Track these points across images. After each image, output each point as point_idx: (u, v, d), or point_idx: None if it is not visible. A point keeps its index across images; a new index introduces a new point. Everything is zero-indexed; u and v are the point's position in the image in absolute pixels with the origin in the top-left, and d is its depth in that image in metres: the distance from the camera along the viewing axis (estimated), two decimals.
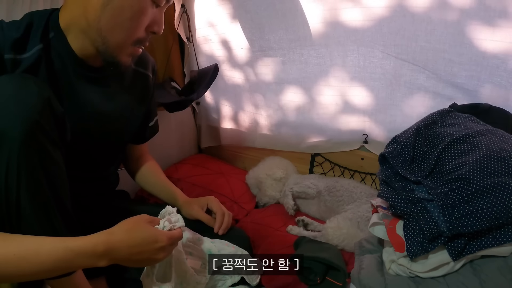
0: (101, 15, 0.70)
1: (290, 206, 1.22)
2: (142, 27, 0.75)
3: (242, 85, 1.48)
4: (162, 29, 0.78)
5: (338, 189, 1.22)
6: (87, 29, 0.73)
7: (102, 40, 0.73)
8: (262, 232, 1.11)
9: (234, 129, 1.61)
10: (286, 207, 1.24)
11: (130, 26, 0.73)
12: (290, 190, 1.25)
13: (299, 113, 1.39)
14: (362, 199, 1.16)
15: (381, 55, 1.14)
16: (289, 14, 1.22)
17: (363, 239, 0.92)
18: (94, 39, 0.74)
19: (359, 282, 0.77)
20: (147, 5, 0.73)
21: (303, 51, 1.26)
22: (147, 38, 0.77)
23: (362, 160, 1.33)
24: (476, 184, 0.66)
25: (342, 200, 1.19)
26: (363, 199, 1.17)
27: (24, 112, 0.59)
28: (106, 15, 0.70)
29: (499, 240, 0.65)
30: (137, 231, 0.64)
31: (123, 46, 0.75)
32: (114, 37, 0.73)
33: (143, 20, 0.74)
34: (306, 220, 1.17)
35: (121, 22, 0.72)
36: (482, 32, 0.96)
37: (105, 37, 0.73)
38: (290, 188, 1.26)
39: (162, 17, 0.78)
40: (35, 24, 0.74)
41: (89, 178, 0.91)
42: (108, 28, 0.72)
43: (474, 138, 0.76)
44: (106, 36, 0.73)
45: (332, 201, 1.21)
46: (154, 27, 0.77)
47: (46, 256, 0.55)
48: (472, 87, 1.04)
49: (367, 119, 1.27)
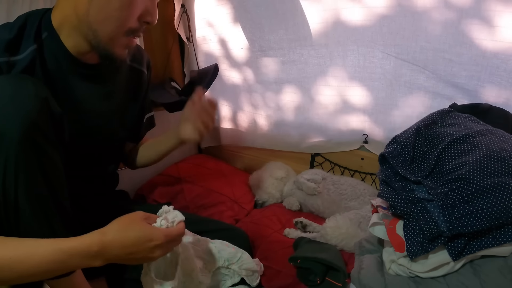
0: (89, 8, 0.70)
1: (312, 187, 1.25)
2: (133, 17, 0.73)
3: (242, 85, 1.48)
4: (155, 19, 0.77)
5: (342, 182, 1.24)
6: (78, 24, 0.72)
7: (93, 33, 0.72)
8: (262, 233, 1.11)
9: (234, 129, 1.61)
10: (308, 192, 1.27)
11: (119, 16, 0.72)
12: (302, 177, 1.29)
13: (299, 113, 1.39)
14: (366, 197, 1.17)
15: (381, 55, 1.14)
16: (289, 14, 1.22)
17: (363, 239, 0.92)
18: (86, 34, 0.73)
19: (359, 282, 0.77)
20: None
21: (303, 51, 1.26)
22: (140, 28, 0.76)
23: (362, 160, 1.33)
24: (476, 184, 0.66)
25: (345, 194, 1.20)
26: (366, 196, 1.17)
27: (22, 113, 0.58)
28: (94, 7, 0.70)
29: (499, 240, 0.65)
30: (131, 230, 0.62)
31: (115, 37, 0.74)
32: (104, 29, 0.72)
33: (133, 10, 0.72)
34: (304, 221, 1.16)
35: (110, 13, 0.71)
36: (482, 32, 0.96)
37: (95, 30, 0.72)
38: (301, 177, 1.30)
39: (155, 7, 0.76)
40: (28, 25, 0.74)
41: (88, 177, 0.90)
42: (97, 21, 0.71)
43: (474, 138, 0.76)
44: (97, 29, 0.72)
45: (336, 193, 1.22)
46: (147, 17, 0.75)
47: (41, 258, 0.56)
48: (472, 87, 1.04)
49: (367, 119, 1.27)
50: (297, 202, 1.30)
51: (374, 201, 0.85)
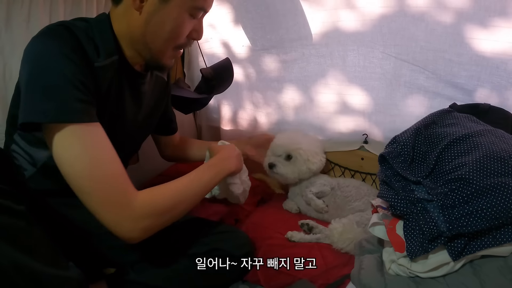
0: (145, 30, 0.77)
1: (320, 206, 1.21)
2: (183, 36, 0.82)
3: (243, 84, 1.48)
4: (201, 36, 0.86)
5: (347, 184, 1.23)
6: (133, 42, 0.80)
7: (148, 50, 0.81)
8: (263, 234, 1.10)
9: (235, 129, 1.61)
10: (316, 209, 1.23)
11: (170, 36, 0.80)
12: (311, 192, 1.24)
13: (299, 112, 1.39)
14: (370, 197, 1.16)
15: (381, 55, 1.14)
16: (290, 14, 1.22)
17: (363, 239, 0.92)
18: (142, 50, 0.81)
19: (359, 282, 0.77)
20: (185, 18, 0.79)
21: (304, 50, 1.26)
22: (187, 43, 0.85)
23: (362, 160, 1.33)
24: (476, 184, 0.66)
25: (350, 195, 1.19)
26: (371, 196, 1.16)
27: None
28: (150, 30, 0.77)
29: (499, 240, 0.65)
30: None
31: (166, 51, 0.82)
32: (157, 47, 0.80)
33: (183, 31, 0.81)
34: (311, 223, 1.14)
35: (163, 34, 0.79)
36: (482, 32, 0.96)
37: (150, 48, 0.80)
38: (309, 191, 1.24)
39: (202, 26, 0.85)
40: (97, 30, 0.78)
41: None
42: (152, 40, 0.79)
43: (474, 138, 0.76)
44: (151, 47, 0.80)
45: (342, 197, 1.20)
46: (194, 34, 0.84)
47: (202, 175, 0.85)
48: (472, 87, 1.04)
49: (367, 119, 1.27)
50: (296, 206, 1.29)
51: (374, 201, 0.85)
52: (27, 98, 0.66)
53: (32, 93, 0.66)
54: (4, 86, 0.98)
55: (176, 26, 0.78)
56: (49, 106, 0.65)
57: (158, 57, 0.82)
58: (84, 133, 0.67)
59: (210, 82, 1.28)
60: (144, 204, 0.70)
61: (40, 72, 0.66)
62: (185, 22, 0.79)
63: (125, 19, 0.78)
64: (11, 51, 0.97)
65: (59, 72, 0.66)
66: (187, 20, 0.79)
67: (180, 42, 0.82)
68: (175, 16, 0.77)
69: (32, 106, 0.66)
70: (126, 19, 0.78)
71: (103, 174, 0.67)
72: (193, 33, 0.83)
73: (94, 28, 0.76)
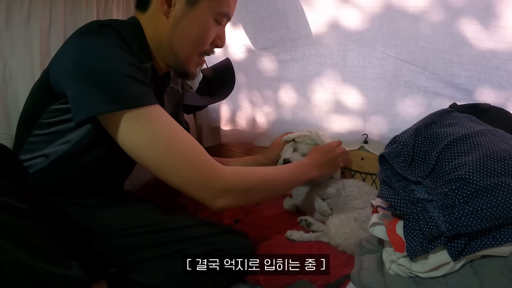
0: (172, 34, 0.79)
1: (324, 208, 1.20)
2: (208, 42, 0.84)
3: (243, 84, 1.48)
4: (224, 43, 0.88)
5: (350, 185, 1.23)
6: (160, 48, 0.82)
7: (175, 55, 0.82)
8: (263, 235, 1.10)
9: (235, 129, 1.61)
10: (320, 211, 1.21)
11: (197, 41, 0.82)
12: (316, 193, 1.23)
13: (299, 112, 1.39)
14: (371, 196, 1.16)
15: (381, 55, 1.14)
16: (290, 14, 1.22)
17: (363, 239, 0.92)
18: (167, 56, 0.83)
19: (359, 282, 0.77)
20: (211, 24, 0.81)
21: (305, 50, 1.27)
22: (211, 50, 0.87)
23: (362, 160, 1.33)
24: (476, 184, 0.66)
25: (351, 195, 1.19)
26: (372, 195, 1.16)
27: None
28: (177, 34, 0.79)
29: (499, 240, 0.65)
30: None
31: (191, 58, 0.84)
32: (184, 52, 0.82)
33: (209, 36, 0.83)
34: (309, 220, 1.15)
35: (190, 39, 0.81)
36: (482, 32, 0.96)
37: (177, 53, 0.82)
38: (315, 192, 1.23)
39: (224, 33, 0.87)
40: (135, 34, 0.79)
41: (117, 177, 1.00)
42: (178, 45, 0.81)
43: (474, 138, 0.76)
44: (178, 52, 0.82)
45: (344, 197, 1.20)
46: (217, 41, 0.86)
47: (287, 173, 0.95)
48: (472, 87, 1.04)
49: (367, 119, 1.27)
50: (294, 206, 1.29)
51: (374, 201, 0.85)
52: (86, 92, 0.66)
53: (92, 86, 0.66)
54: (4, 86, 0.98)
55: (203, 31, 0.80)
56: (114, 95, 0.65)
57: (184, 63, 0.84)
58: (154, 114, 0.69)
59: (211, 82, 1.28)
60: (233, 177, 0.75)
61: (97, 63, 0.67)
62: (211, 27, 0.81)
63: (152, 24, 0.79)
64: (11, 51, 0.97)
65: (117, 60, 0.67)
66: (212, 26, 0.82)
67: (205, 48, 0.84)
68: (202, 21, 0.79)
69: (94, 99, 0.66)
70: (153, 24, 0.79)
71: (183, 150, 0.70)
72: (216, 40, 0.85)
73: (132, 32, 0.77)
